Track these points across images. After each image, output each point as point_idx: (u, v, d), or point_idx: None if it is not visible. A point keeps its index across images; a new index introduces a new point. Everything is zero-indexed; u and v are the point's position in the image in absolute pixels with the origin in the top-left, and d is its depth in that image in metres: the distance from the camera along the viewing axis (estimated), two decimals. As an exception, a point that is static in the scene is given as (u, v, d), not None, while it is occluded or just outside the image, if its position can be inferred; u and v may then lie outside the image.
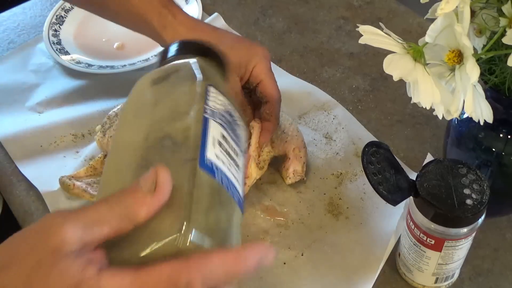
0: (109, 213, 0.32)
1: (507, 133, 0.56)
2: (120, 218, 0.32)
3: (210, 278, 0.31)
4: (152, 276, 0.30)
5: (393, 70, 0.44)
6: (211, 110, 0.38)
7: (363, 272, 0.61)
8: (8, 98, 0.82)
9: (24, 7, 0.98)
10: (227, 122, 0.39)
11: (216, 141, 0.37)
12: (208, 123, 0.37)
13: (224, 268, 0.32)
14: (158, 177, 0.32)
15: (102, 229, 0.31)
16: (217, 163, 0.36)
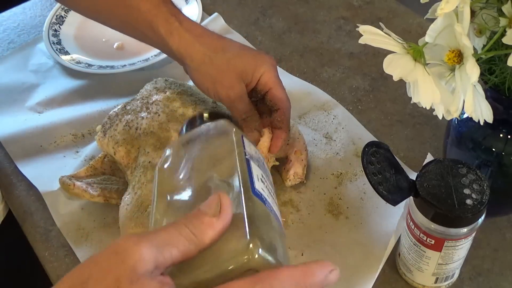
0: (178, 235, 0.33)
1: (507, 133, 0.56)
2: (188, 240, 0.33)
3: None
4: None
5: (393, 70, 0.44)
6: (249, 154, 0.41)
7: (363, 272, 0.61)
8: (8, 98, 0.82)
9: (24, 7, 0.98)
10: (262, 167, 0.43)
11: (259, 178, 0.40)
12: (250, 162, 0.40)
13: (294, 282, 0.32)
14: (221, 201, 0.34)
15: (172, 251, 0.32)
16: (264, 194, 0.39)
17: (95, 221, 0.67)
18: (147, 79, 0.72)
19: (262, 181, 0.41)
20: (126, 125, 0.65)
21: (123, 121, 0.66)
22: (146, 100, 0.67)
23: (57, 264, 0.64)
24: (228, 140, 0.42)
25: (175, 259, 0.32)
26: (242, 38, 0.89)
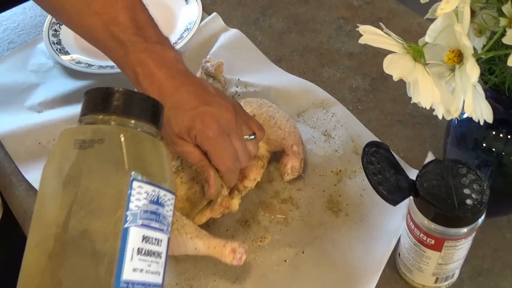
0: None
1: (507, 133, 0.56)
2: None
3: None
4: None
5: (393, 70, 0.44)
6: (133, 214, 0.37)
7: (364, 270, 0.61)
8: (8, 98, 0.82)
9: (24, 7, 0.98)
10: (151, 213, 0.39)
11: (135, 251, 0.37)
12: (128, 233, 0.37)
13: None
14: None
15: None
16: (134, 277, 0.37)
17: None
18: (147, 79, 0.72)
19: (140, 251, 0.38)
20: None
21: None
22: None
23: (57, 264, 0.64)
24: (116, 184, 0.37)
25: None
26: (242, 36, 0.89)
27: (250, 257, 0.63)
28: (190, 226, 0.58)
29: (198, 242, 0.58)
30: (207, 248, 0.57)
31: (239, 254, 0.57)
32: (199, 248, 0.58)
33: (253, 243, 0.64)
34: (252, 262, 0.63)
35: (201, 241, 0.58)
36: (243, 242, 0.64)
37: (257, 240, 0.64)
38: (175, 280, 0.61)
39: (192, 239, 0.58)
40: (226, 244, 0.57)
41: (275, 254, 0.63)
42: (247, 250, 0.58)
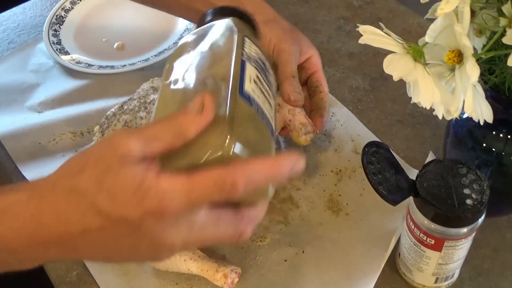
0: (165, 130, 0.37)
1: (507, 133, 0.56)
2: (173, 134, 0.37)
3: (251, 181, 0.36)
4: (202, 178, 0.35)
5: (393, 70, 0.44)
6: (247, 56, 0.44)
7: (364, 269, 0.61)
8: (8, 98, 0.82)
9: (24, 7, 0.98)
10: (261, 68, 0.46)
11: (252, 80, 0.43)
12: (245, 64, 0.43)
13: (263, 172, 0.37)
14: (204, 101, 0.38)
15: (159, 144, 0.37)
16: (253, 96, 0.42)
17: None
18: (147, 79, 0.72)
19: (256, 82, 0.43)
20: (125, 125, 0.65)
21: (122, 121, 0.66)
22: (143, 99, 0.67)
23: (57, 264, 0.64)
24: (229, 39, 0.44)
25: (162, 150, 0.37)
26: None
27: (250, 257, 0.63)
28: None
29: (191, 264, 0.59)
30: (200, 271, 0.59)
31: (230, 279, 0.58)
32: (192, 269, 0.59)
33: (253, 243, 0.64)
34: (252, 262, 0.63)
35: (195, 263, 0.59)
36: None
37: (257, 240, 0.64)
38: (175, 280, 0.61)
39: (186, 261, 0.59)
40: (218, 268, 0.59)
41: (275, 254, 0.63)
42: (240, 273, 0.60)
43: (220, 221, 0.38)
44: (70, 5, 0.94)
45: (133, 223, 0.35)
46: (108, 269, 0.63)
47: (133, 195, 0.35)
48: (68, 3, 0.94)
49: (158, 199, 0.35)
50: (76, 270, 0.63)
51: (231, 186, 0.35)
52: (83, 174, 0.36)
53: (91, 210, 0.35)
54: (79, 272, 0.63)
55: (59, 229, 0.36)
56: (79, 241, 0.36)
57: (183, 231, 0.37)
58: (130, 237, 0.36)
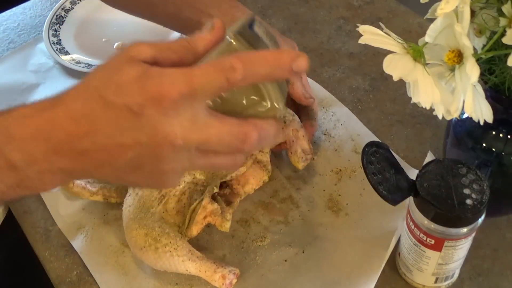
0: (177, 44, 0.40)
1: (507, 133, 0.56)
2: (185, 48, 0.40)
3: (250, 66, 0.37)
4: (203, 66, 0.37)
5: (393, 70, 0.44)
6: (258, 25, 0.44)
7: (364, 269, 0.61)
8: (8, 98, 0.82)
9: (24, 7, 0.98)
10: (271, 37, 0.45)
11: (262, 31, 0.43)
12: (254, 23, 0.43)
13: (262, 60, 0.37)
14: (215, 23, 0.41)
15: (170, 54, 0.39)
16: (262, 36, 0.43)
17: (96, 219, 0.67)
18: (147, 79, 0.72)
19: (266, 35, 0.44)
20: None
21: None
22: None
23: (57, 264, 0.64)
24: None
25: (173, 62, 0.39)
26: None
27: (250, 257, 0.63)
28: (183, 249, 0.59)
29: (189, 265, 0.59)
30: (198, 272, 0.59)
31: (228, 280, 0.58)
32: (190, 270, 0.59)
33: (253, 243, 0.64)
34: (252, 262, 0.63)
35: (193, 264, 0.59)
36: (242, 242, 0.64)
37: (257, 240, 0.64)
38: (175, 280, 0.61)
39: (184, 262, 0.59)
40: (216, 269, 0.59)
41: (275, 254, 0.63)
42: (238, 274, 0.60)
43: (224, 120, 0.38)
44: (70, 5, 0.94)
45: (135, 110, 0.36)
46: (108, 269, 0.63)
47: (136, 83, 0.36)
48: (68, 3, 0.94)
49: (159, 86, 0.36)
50: (76, 270, 0.63)
51: (230, 67, 0.36)
52: (95, 74, 0.38)
53: (98, 103, 0.37)
54: (79, 272, 0.63)
55: (69, 128, 0.37)
56: (87, 142, 0.37)
57: (185, 123, 0.37)
58: (133, 130, 0.36)
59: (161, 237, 0.59)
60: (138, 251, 0.60)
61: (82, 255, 0.64)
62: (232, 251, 0.64)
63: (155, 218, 0.60)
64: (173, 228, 0.61)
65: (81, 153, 0.38)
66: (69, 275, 0.63)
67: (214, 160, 0.40)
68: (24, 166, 0.39)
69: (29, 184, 0.40)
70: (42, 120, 0.38)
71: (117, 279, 0.62)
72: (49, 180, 0.40)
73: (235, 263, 0.62)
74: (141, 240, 0.59)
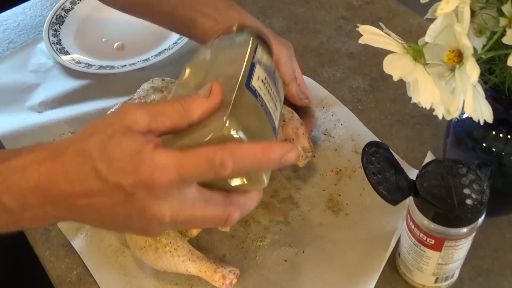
0: (172, 109, 0.40)
1: (507, 133, 0.56)
2: (179, 114, 0.40)
3: (240, 161, 0.38)
4: (194, 153, 0.38)
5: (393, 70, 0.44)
6: (258, 59, 0.47)
7: (364, 269, 0.61)
8: (8, 98, 0.82)
9: (24, 7, 0.98)
10: (270, 73, 0.48)
11: (260, 79, 0.45)
12: (255, 66, 0.46)
13: (252, 154, 0.38)
14: (212, 88, 0.41)
15: (164, 120, 0.40)
16: (259, 92, 0.44)
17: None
18: (147, 79, 0.72)
19: (263, 82, 0.46)
20: (126, 125, 0.65)
21: (123, 121, 0.65)
22: (143, 100, 0.67)
23: (57, 264, 0.64)
24: (244, 46, 0.47)
25: (167, 128, 0.40)
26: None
27: (250, 257, 0.63)
28: (183, 249, 0.59)
29: (189, 265, 0.59)
30: (198, 272, 0.59)
31: (228, 280, 0.58)
32: (190, 270, 0.59)
33: (253, 243, 0.64)
34: (252, 262, 0.63)
35: (193, 264, 0.59)
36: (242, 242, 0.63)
37: (257, 240, 0.64)
38: (175, 280, 0.61)
39: (184, 262, 0.59)
40: (217, 269, 0.59)
41: (275, 254, 0.63)
42: (238, 274, 0.60)
43: (209, 201, 0.40)
44: (70, 5, 0.94)
45: (127, 190, 0.37)
46: (108, 269, 0.63)
47: (129, 165, 0.37)
48: (68, 3, 0.94)
49: (150, 171, 0.37)
50: (76, 270, 0.63)
51: (220, 164, 0.37)
52: (91, 138, 0.39)
53: (92, 174, 0.38)
54: (79, 272, 0.63)
55: (66, 188, 0.39)
56: (82, 202, 0.39)
57: (174, 205, 0.39)
58: (124, 204, 0.38)
59: (161, 237, 0.59)
60: (138, 251, 0.60)
61: (82, 255, 0.64)
62: (232, 251, 0.64)
63: (155, 218, 0.60)
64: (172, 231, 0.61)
65: (76, 209, 0.40)
66: (69, 275, 0.63)
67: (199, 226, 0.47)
68: (20, 212, 0.41)
69: (23, 224, 0.44)
70: (40, 175, 0.39)
71: (117, 279, 0.62)
72: (43, 222, 0.43)
73: (235, 263, 0.62)
74: (141, 240, 0.59)
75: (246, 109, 0.42)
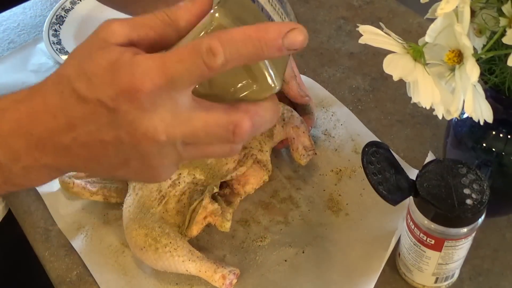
0: (154, 18, 0.36)
1: (507, 133, 0.56)
2: (164, 22, 0.36)
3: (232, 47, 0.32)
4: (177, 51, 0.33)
5: (393, 70, 0.44)
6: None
7: (364, 269, 0.61)
8: (8, 98, 0.82)
9: (24, 7, 0.98)
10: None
11: None
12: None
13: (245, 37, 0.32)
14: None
15: (147, 31, 0.36)
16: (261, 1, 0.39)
17: (95, 219, 0.67)
18: (147, 79, 0.72)
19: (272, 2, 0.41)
20: (126, 125, 0.65)
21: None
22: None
23: (57, 264, 0.64)
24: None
25: (152, 39, 0.36)
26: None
27: (250, 257, 0.63)
28: (183, 249, 0.59)
29: (189, 265, 0.59)
30: (198, 272, 0.59)
31: (228, 280, 0.58)
32: (190, 270, 0.59)
33: (253, 243, 0.64)
34: (252, 262, 0.63)
35: (193, 264, 0.59)
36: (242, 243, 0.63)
37: (257, 240, 0.64)
38: (175, 280, 0.61)
39: (184, 262, 0.59)
40: (217, 269, 0.59)
41: (275, 254, 0.63)
42: (238, 274, 0.59)
43: (210, 109, 0.35)
44: (70, 5, 0.94)
45: (109, 105, 0.33)
46: (108, 269, 0.63)
47: (106, 75, 0.33)
48: (68, 3, 0.94)
49: (130, 76, 0.32)
50: (76, 270, 0.63)
51: (208, 50, 0.32)
52: (69, 62, 0.36)
53: (72, 97, 0.34)
54: (79, 272, 0.63)
55: (48, 123, 0.35)
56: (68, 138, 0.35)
57: (166, 116, 0.33)
58: (110, 126, 0.34)
59: (161, 237, 0.59)
60: (138, 251, 0.60)
61: (82, 255, 0.64)
62: (232, 251, 0.64)
63: (155, 218, 0.60)
64: (173, 228, 0.60)
65: (63, 149, 0.36)
66: (69, 275, 0.63)
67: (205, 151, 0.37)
68: (8, 163, 0.37)
69: (16, 181, 0.39)
70: (20, 114, 0.36)
71: (117, 279, 0.62)
72: (36, 176, 0.38)
73: (235, 263, 0.62)
74: (141, 240, 0.59)
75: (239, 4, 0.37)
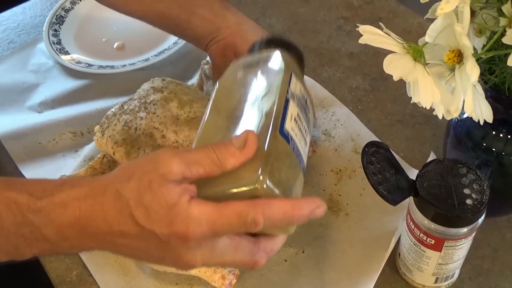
0: (206, 158, 0.41)
1: (507, 133, 0.56)
2: (213, 163, 0.41)
3: (272, 219, 0.39)
4: (228, 209, 0.39)
5: (393, 70, 0.44)
6: (292, 93, 0.47)
7: (364, 269, 0.61)
8: (8, 98, 0.82)
9: (24, 7, 0.98)
10: (302, 106, 0.48)
11: (293, 118, 0.46)
12: (288, 102, 0.46)
13: (283, 212, 0.40)
14: (247, 138, 0.41)
15: (198, 169, 0.40)
16: (292, 134, 0.45)
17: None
18: (147, 79, 0.72)
19: (296, 121, 0.46)
20: (125, 125, 0.65)
21: (122, 121, 0.66)
22: (143, 99, 0.67)
23: (57, 264, 0.64)
24: (278, 75, 0.47)
25: (201, 175, 0.41)
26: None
27: (250, 257, 0.63)
28: None
29: None
30: (198, 272, 0.59)
31: (228, 280, 0.58)
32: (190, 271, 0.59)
33: (253, 243, 0.64)
34: (252, 262, 0.63)
35: None
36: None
37: (257, 240, 0.64)
38: (175, 280, 0.61)
39: None
40: (216, 269, 0.59)
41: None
42: (238, 274, 0.59)
43: (238, 249, 0.42)
44: (70, 5, 0.94)
45: (162, 239, 0.40)
46: (108, 269, 0.63)
47: (165, 216, 0.39)
48: (68, 3, 0.94)
49: (185, 225, 0.39)
50: (76, 270, 0.63)
51: (252, 222, 0.39)
52: (129, 183, 0.40)
53: (130, 219, 0.40)
54: (79, 272, 0.63)
55: (104, 227, 0.41)
56: (118, 240, 0.41)
57: (205, 253, 0.41)
58: (159, 248, 0.41)
59: None
60: (138, 251, 0.60)
61: (82, 255, 0.64)
62: (232, 251, 0.64)
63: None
64: None
65: (112, 245, 0.42)
66: (69, 275, 0.63)
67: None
68: (59, 242, 0.43)
69: (60, 251, 0.47)
70: (80, 213, 0.41)
71: (117, 279, 0.62)
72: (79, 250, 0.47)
73: (235, 263, 0.62)
74: None
75: (278, 159, 0.42)
